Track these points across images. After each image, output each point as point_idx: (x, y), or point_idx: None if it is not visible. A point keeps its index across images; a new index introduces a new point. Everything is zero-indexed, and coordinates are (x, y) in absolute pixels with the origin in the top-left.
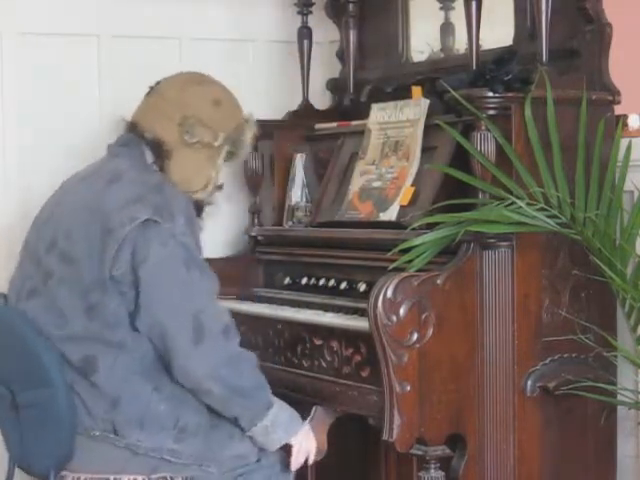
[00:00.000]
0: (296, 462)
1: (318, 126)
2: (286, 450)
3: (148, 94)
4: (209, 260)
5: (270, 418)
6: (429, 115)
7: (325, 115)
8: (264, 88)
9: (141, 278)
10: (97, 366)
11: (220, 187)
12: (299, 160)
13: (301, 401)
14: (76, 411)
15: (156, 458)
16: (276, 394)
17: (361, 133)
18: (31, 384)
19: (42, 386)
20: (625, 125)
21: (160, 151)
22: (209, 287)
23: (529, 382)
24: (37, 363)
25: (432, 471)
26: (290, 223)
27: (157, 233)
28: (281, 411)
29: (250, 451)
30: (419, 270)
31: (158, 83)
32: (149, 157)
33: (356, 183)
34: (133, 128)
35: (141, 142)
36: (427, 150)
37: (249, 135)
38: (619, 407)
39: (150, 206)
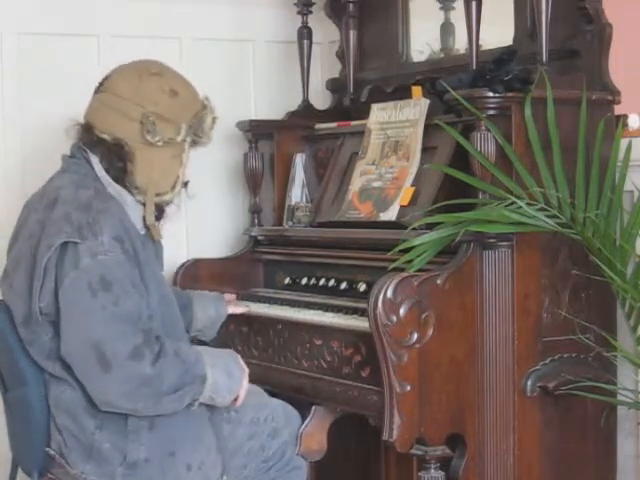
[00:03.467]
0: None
1: (318, 126)
2: None
3: (98, 90)
4: (209, 260)
5: (210, 389)
6: (429, 115)
7: (325, 115)
8: (264, 88)
9: (60, 306)
10: (49, 392)
11: (186, 184)
12: (299, 160)
13: (301, 401)
14: (49, 417)
15: None
16: (277, 394)
17: (361, 133)
18: (11, 383)
19: (20, 386)
20: (625, 125)
21: (121, 153)
22: (119, 311)
23: (529, 382)
24: (15, 362)
25: (432, 471)
26: (290, 223)
27: (73, 254)
28: (218, 375)
29: (212, 475)
30: (419, 270)
31: (107, 78)
32: (98, 167)
33: (356, 183)
34: (88, 130)
35: (90, 150)
36: (427, 150)
37: (209, 120)
38: (619, 407)
39: (71, 226)
